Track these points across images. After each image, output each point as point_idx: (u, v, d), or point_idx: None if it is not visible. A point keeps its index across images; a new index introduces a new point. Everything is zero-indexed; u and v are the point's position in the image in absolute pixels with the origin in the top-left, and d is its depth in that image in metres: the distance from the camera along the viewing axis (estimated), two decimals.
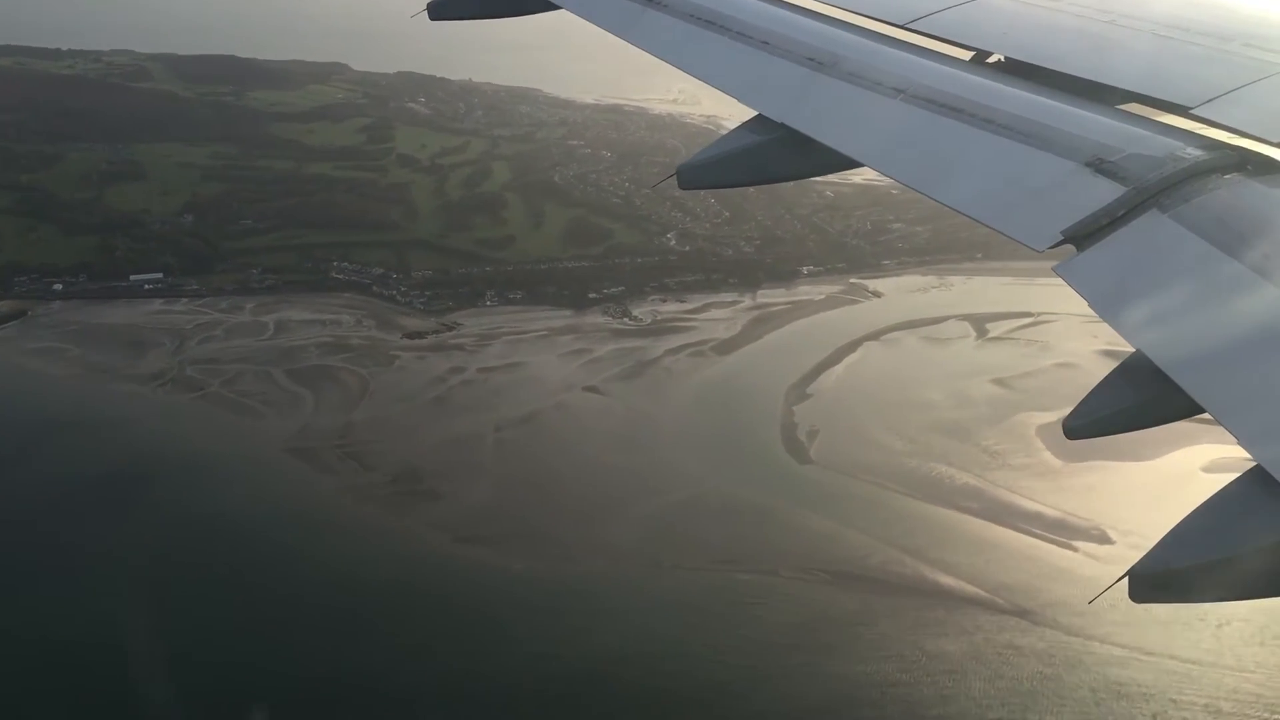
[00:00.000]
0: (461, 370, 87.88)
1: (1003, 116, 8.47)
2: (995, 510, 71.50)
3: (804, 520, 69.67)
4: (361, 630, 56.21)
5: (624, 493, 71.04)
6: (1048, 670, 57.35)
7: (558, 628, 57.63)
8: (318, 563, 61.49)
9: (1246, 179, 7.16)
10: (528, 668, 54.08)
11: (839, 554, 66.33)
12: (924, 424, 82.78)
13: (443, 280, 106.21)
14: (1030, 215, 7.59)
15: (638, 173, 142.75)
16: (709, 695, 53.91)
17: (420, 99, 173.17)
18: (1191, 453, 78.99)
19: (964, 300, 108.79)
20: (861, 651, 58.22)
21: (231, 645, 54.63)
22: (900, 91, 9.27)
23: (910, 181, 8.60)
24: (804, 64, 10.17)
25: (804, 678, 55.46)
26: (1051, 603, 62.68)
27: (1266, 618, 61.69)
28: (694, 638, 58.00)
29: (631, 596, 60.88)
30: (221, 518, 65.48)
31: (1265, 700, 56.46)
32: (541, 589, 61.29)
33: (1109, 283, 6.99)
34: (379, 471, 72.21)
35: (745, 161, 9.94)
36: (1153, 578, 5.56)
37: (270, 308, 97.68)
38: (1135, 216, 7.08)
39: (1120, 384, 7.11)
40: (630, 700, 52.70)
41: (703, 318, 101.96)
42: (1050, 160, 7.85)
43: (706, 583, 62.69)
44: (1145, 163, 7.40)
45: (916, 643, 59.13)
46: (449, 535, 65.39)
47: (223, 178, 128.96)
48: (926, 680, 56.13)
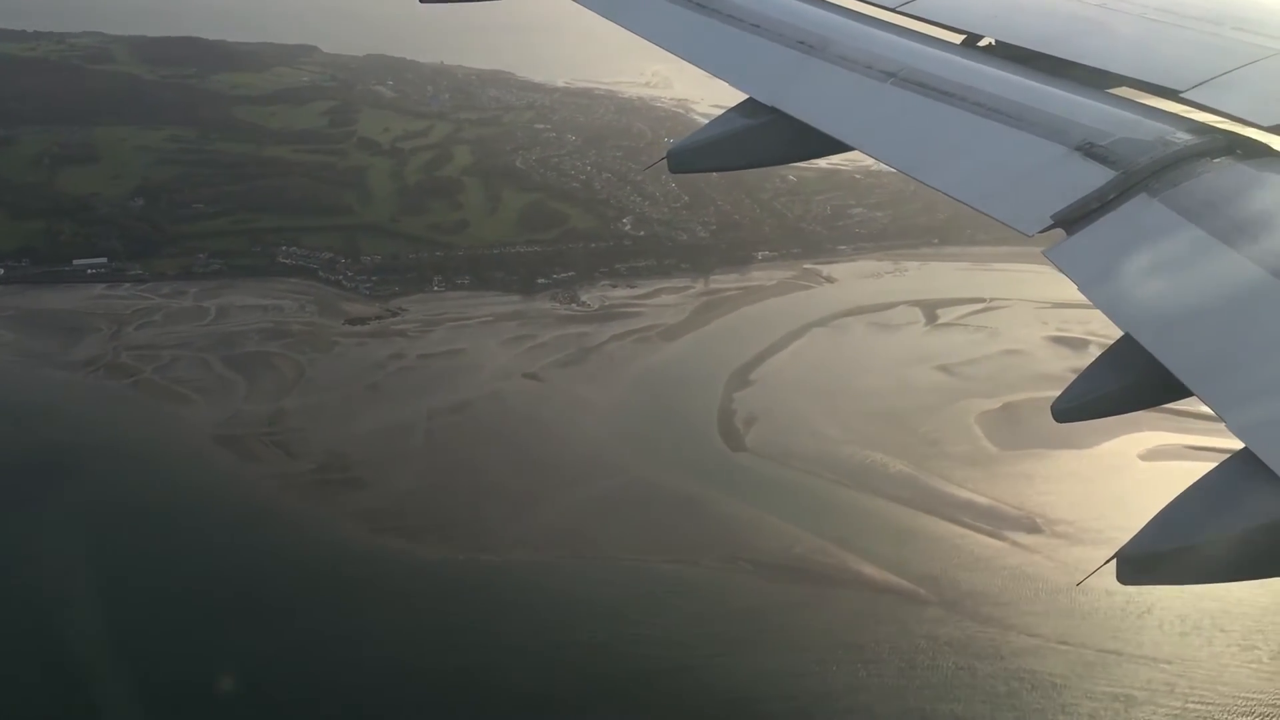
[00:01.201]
0: (401, 356, 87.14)
1: (993, 100, 8.53)
2: (926, 499, 71.04)
3: (732, 509, 69.19)
4: (262, 621, 55.56)
5: (551, 482, 70.46)
6: (962, 661, 56.98)
7: (466, 620, 57.05)
8: (229, 553, 60.81)
9: (1236, 163, 7.21)
10: (427, 660, 53.43)
11: (764, 543, 65.84)
12: (863, 411, 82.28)
13: (391, 265, 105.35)
14: (1020, 199, 7.71)
15: (601, 156, 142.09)
16: (619, 687, 53.41)
17: (388, 82, 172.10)
18: (1130, 440, 78.78)
19: (917, 286, 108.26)
20: (778, 642, 57.72)
21: (124, 641, 53.91)
22: (891, 75, 9.29)
23: (900, 165, 8.66)
24: (795, 47, 10.21)
25: (717, 669, 55.03)
26: (972, 593, 62.36)
27: (1188, 607, 61.47)
28: (609, 629, 57.51)
29: (548, 588, 60.30)
30: (140, 507, 64.79)
31: (1179, 690, 56.20)
32: (457, 580, 60.76)
33: (1098, 266, 7.10)
34: (304, 459, 71.53)
35: (736, 145, 9.96)
36: (1139, 560, 5.63)
37: (213, 293, 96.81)
38: (1125, 200, 7.14)
39: (1109, 368, 7.17)
40: (534, 694, 52.09)
41: (652, 303, 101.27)
42: (1040, 144, 7.92)
43: (626, 573, 62.16)
44: (1135, 147, 7.46)
45: (833, 633, 58.71)
46: (367, 525, 64.72)
47: (177, 161, 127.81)
48: (840, 671, 55.68)
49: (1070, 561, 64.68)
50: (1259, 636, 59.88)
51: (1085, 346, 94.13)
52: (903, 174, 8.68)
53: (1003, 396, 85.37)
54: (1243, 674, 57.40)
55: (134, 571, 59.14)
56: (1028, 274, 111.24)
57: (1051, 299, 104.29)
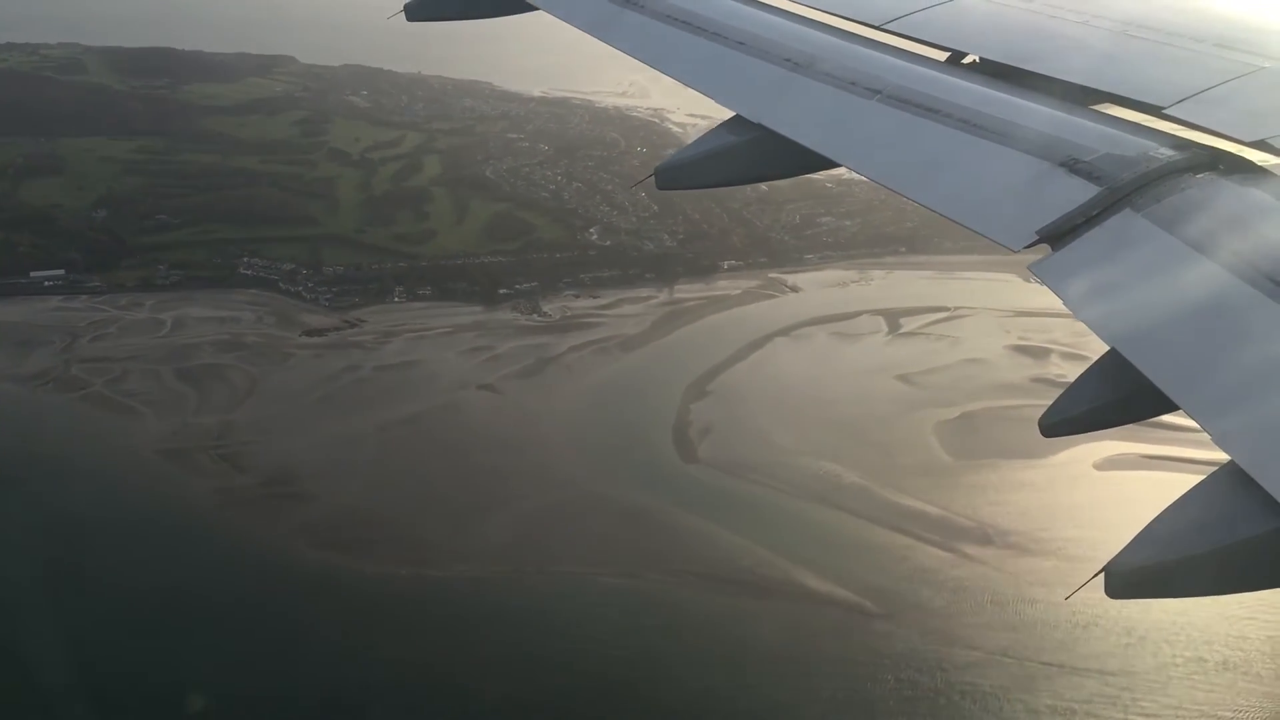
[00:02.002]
0: (356, 368, 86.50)
1: (978, 117, 8.59)
2: (877, 510, 70.51)
3: (680, 521, 68.63)
4: (190, 639, 54.81)
5: (499, 495, 69.84)
6: (903, 674, 56.47)
7: (397, 637, 56.32)
8: (164, 569, 60.07)
9: (1219, 178, 7.24)
10: (349, 679, 52.72)
11: (709, 556, 65.28)
12: (820, 421, 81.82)
13: (353, 276, 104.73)
14: (1005, 215, 7.70)
15: (573, 166, 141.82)
16: (545, 704, 52.72)
17: (363, 92, 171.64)
18: (1087, 449, 78.41)
19: (881, 295, 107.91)
20: (717, 657, 57.17)
21: (49, 654, 53.22)
22: (876, 92, 9.34)
23: (886, 182, 8.70)
24: (781, 64, 10.26)
25: (649, 684, 54.36)
26: (917, 605, 61.87)
27: (1135, 619, 61.02)
28: (543, 643, 56.81)
29: (486, 603, 59.70)
30: (78, 520, 64.08)
31: (1121, 702, 55.71)
32: (395, 597, 60.11)
33: (1083, 281, 7.06)
34: (250, 473, 70.87)
35: (723, 162, 10.00)
36: (1128, 574, 5.59)
37: (171, 305, 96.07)
38: (1109, 216, 7.17)
39: (1095, 381, 7.21)
40: (456, 712, 51.44)
41: (613, 313, 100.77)
42: (1025, 160, 7.95)
43: (568, 587, 61.54)
44: (1119, 162, 7.51)
45: (774, 647, 58.13)
46: (308, 540, 64.02)
47: (143, 172, 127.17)
48: (778, 686, 55.06)
49: (1017, 573, 64.28)
50: (1206, 648, 59.45)
51: (1046, 355, 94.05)
52: (888, 190, 8.72)
53: (961, 406, 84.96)
54: (1188, 686, 56.89)
55: (65, 586, 58.35)
56: (993, 283, 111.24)
57: (1015, 308, 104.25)
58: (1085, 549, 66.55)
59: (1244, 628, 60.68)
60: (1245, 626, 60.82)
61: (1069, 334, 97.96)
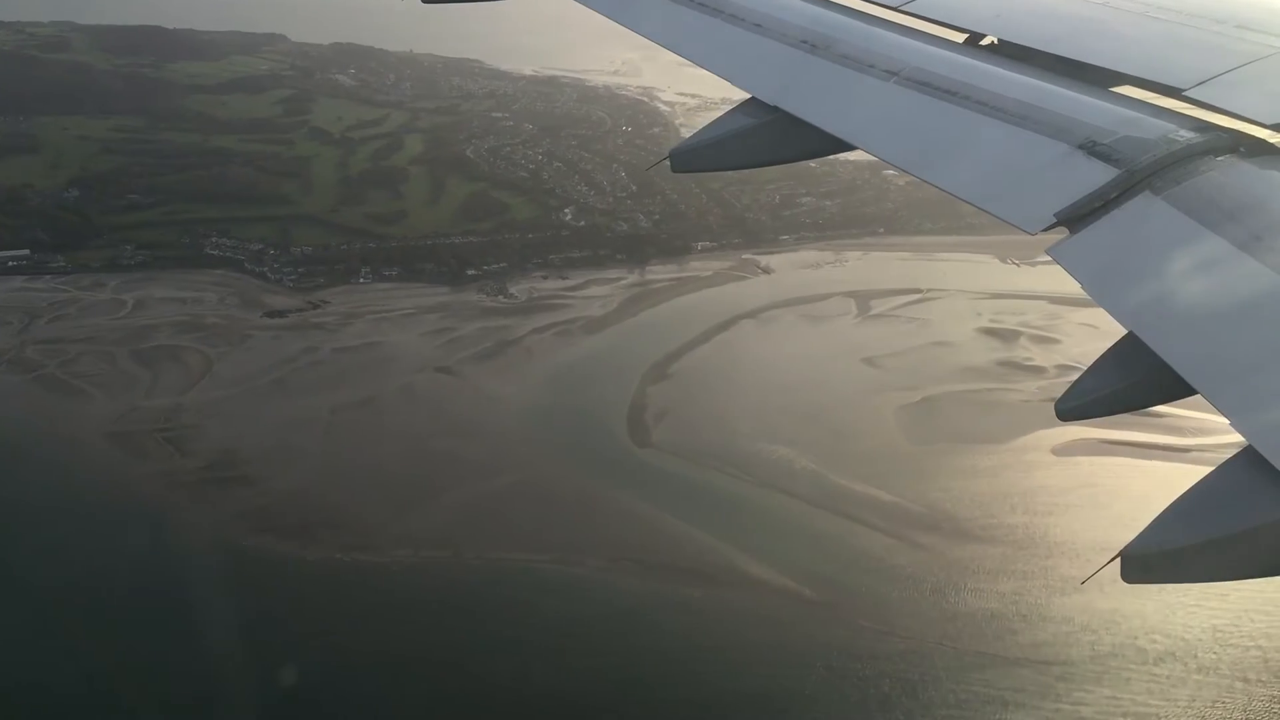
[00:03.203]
0: (314, 350, 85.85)
1: (996, 99, 8.56)
2: (828, 496, 69.75)
3: (628, 506, 67.99)
4: (117, 625, 54.43)
5: (446, 479, 69.28)
6: (837, 663, 55.78)
7: (328, 624, 55.86)
8: (99, 554, 59.59)
9: (1239, 161, 7.20)
10: (274, 665, 52.26)
11: (654, 542, 64.64)
12: (778, 405, 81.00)
13: (321, 257, 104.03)
14: (1023, 198, 7.69)
15: (555, 145, 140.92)
16: (468, 690, 52.22)
17: (350, 70, 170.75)
18: (1046, 434, 77.80)
19: (854, 276, 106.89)
20: (649, 646, 56.51)
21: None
22: (893, 74, 9.32)
23: (903, 164, 8.72)
24: (797, 46, 10.27)
25: (574, 674, 53.76)
26: (859, 592, 61.19)
27: (1079, 609, 60.34)
28: (476, 630, 56.31)
29: (421, 589, 59.20)
30: (15, 503, 63.72)
31: (1054, 692, 55.03)
32: (330, 581, 59.65)
33: (1101, 265, 7.06)
34: (195, 456, 70.34)
35: (738, 145, 10.00)
36: (1145, 559, 5.59)
37: (134, 285, 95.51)
38: (1128, 199, 7.13)
39: (1112, 366, 7.09)
40: (368, 706, 50.95)
41: (581, 295, 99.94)
42: (1043, 143, 7.92)
43: (506, 573, 60.97)
44: (1138, 145, 7.45)
45: (711, 635, 57.39)
46: (249, 525, 63.54)
47: (120, 151, 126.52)
48: (709, 675, 54.39)
49: (961, 560, 63.57)
50: (1148, 638, 58.70)
51: (1016, 338, 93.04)
52: (905, 173, 8.80)
53: (924, 390, 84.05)
54: (1125, 676, 56.16)
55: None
56: (970, 264, 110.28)
57: (990, 290, 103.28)
58: (1032, 536, 65.94)
59: (1188, 617, 59.92)
60: (1190, 615, 60.07)
61: (1041, 316, 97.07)
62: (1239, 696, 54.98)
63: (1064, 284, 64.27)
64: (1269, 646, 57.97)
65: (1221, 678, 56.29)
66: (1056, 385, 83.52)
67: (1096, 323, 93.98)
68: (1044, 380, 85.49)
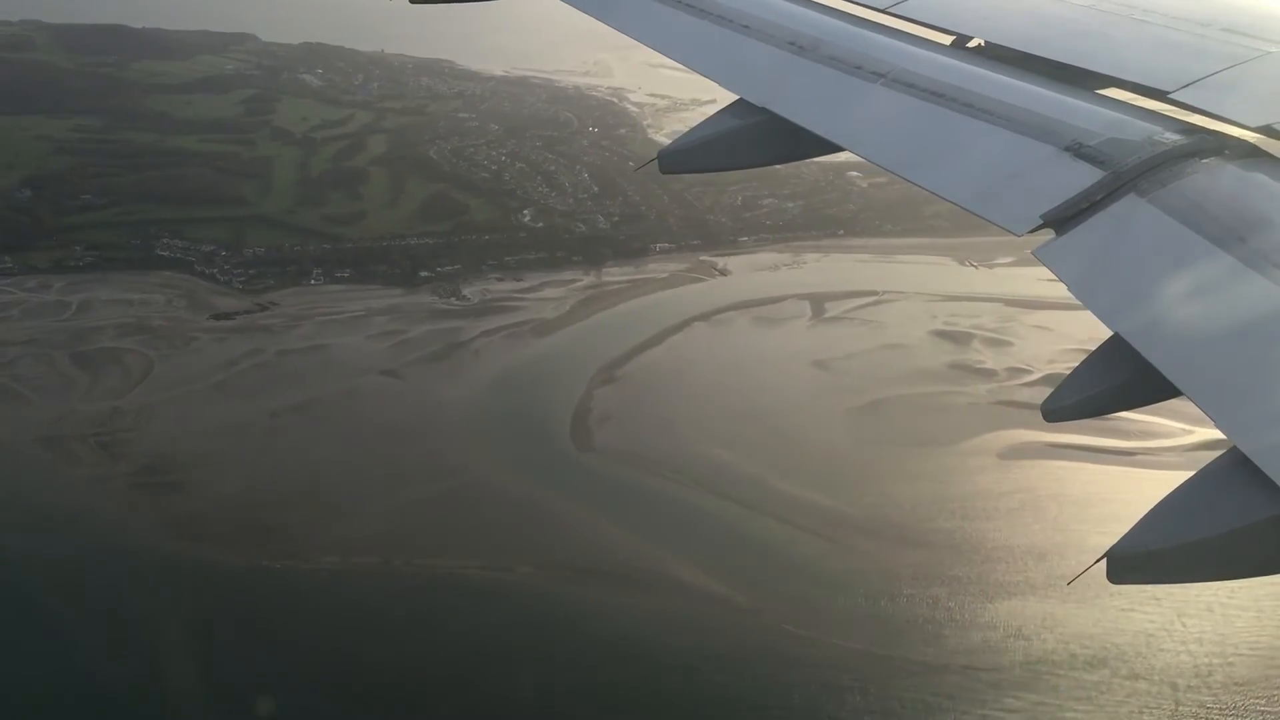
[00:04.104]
0: (259, 353, 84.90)
1: (983, 101, 8.61)
2: (768, 501, 69.19)
3: (564, 512, 67.33)
4: (33, 636, 53.58)
5: (381, 484, 68.49)
6: (763, 669, 55.22)
7: (247, 633, 55.15)
8: (19, 562, 58.80)
9: (1224, 163, 7.28)
10: (182, 677, 51.51)
11: (586, 548, 64.04)
12: (725, 409, 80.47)
13: (273, 258, 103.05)
14: (1009, 199, 7.73)
15: (520, 146, 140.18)
16: (379, 702, 51.54)
17: (318, 70, 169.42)
18: (993, 438, 77.58)
19: (812, 278, 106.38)
20: (565, 653, 55.77)
21: None
22: (881, 76, 9.38)
23: (890, 166, 8.69)
24: (785, 48, 10.29)
25: (492, 684, 53.03)
26: (792, 598, 60.62)
27: (1006, 616, 59.94)
28: (392, 641, 55.55)
29: (344, 598, 58.41)
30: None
31: (981, 697, 54.58)
32: (255, 590, 58.79)
33: (1087, 266, 7.10)
34: (127, 462, 69.42)
35: (727, 146, 10.01)
36: (1130, 559, 5.62)
37: (81, 287, 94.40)
38: (1113, 201, 7.19)
39: (1098, 367, 7.12)
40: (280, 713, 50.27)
41: (534, 297, 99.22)
42: (1029, 144, 7.97)
43: (432, 581, 60.23)
44: (1123, 147, 7.52)
45: (638, 642, 56.79)
46: (177, 532, 62.68)
47: (76, 151, 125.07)
48: (631, 683, 53.87)
49: (896, 565, 63.09)
50: (1079, 643, 58.33)
51: (969, 341, 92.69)
52: (892, 174, 8.72)
53: (873, 393, 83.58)
54: (1054, 681, 55.77)
55: None
56: (929, 266, 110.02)
57: (946, 292, 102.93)
58: (969, 540, 65.53)
59: (1122, 622, 59.67)
60: (1124, 620, 59.82)
61: (996, 319, 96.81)
62: (1167, 703, 54.60)
63: (1019, 286, 64.54)
64: (1199, 651, 57.68)
65: (1151, 684, 55.94)
66: (1006, 388, 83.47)
67: (1050, 325, 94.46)
68: (994, 383, 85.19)
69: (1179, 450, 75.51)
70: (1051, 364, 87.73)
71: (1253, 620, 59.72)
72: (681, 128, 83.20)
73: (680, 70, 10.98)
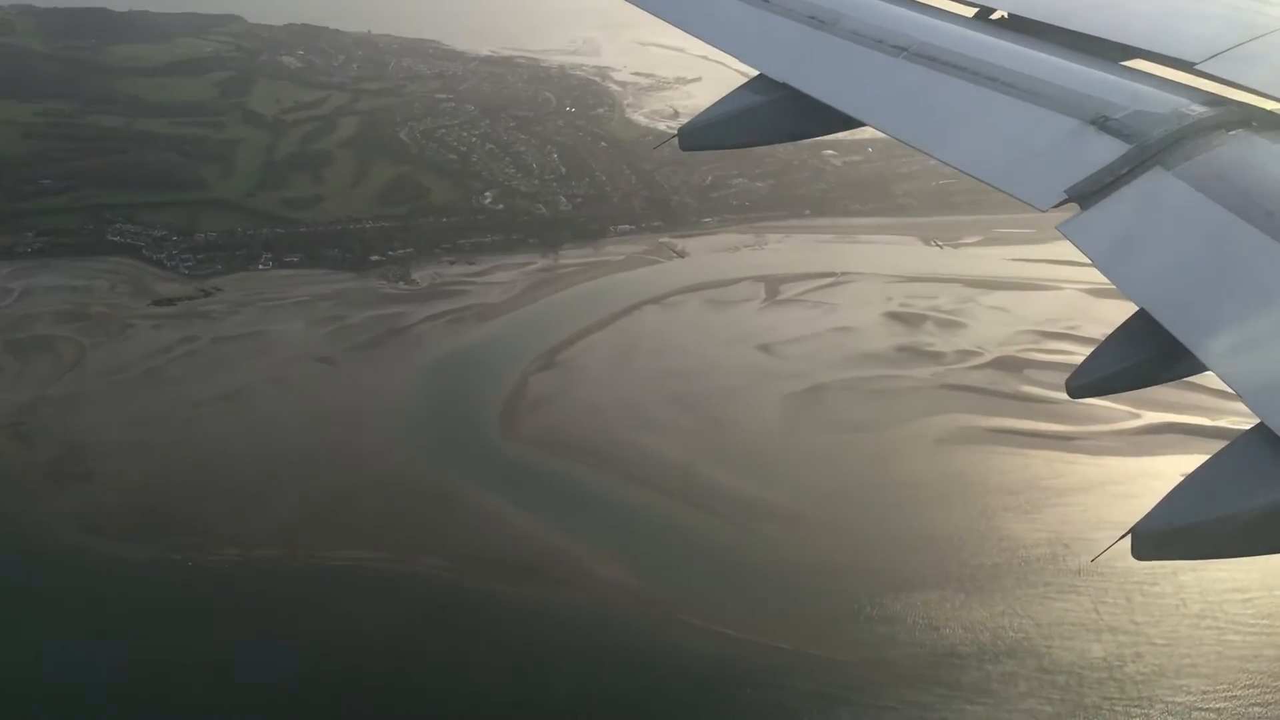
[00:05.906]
0: (193, 340, 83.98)
1: (1006, 74, 8.50)
2: (692, 490, 67.90)
3: (481, 502, 66.26)
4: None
5: (296, 474, 67.58)
6: (652, 663, 53.99)
7: (139, 627, 54.43)
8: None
9: (1251, 135, 7.13)
10: (75, 673, 50.81)
11: (500, 540, 62.93)
12: (662, 394, 79.12)
13: (224, 243, 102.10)
14: (1033, 174, 7.60)
15: (493, 127, 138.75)
16: (261, 696, 50.70)
17: (298, 51, 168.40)
18: (932, 422, 76.15)
19: (770, 260, 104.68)
20: (469, 652, 54.73)
21: None
22: (902, 50, 9.29)
23: (912, 140, 8.60)
24: (805, 23, 10.24)
25: (379, 683, 52.08)
26: (698, 590, 59.49)
27: (909, 610, 58.53)
28: (287, 634, 54.70)
29: (240, 592, 57.53)
30: None
31: (884, 690, 53.29)
32: (155, 583, 57.99)
33: (1112, 241, 6.95)
34: (40, 451, 68.71)
35: (747, 122, 9.89)
36: (1156, 535, 5.61)
37: (25, 273, 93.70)
38: (1139, 174, 7.07)
39: (1124, 342, 7.01)
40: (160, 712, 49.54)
41: (484, 280, 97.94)
42: (1054, 118, 7.86)
43: (333, 573, 59.31)
44: (1149, 120, 7.37)
45: (538, 638, 55.81)
46: (82, 524, 61.97)
47: (42, 135, 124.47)
48: (512, 678, 52.78)
49: (809, 556, 61.59)
50: (990, 635, 56.93)
51: (921, 323, 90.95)
52: (913, 149, 8.60)
53: (814, 378, 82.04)
54: (959, 676, 54.33)
55: None
56: (891, 246, 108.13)
57: (906, 273, 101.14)
58: (886, 530, 64.04)
59: (1035, 611, 58.33)
60: (1038, 609, 58.61)
61: (953, 300, 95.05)
62: (1071, 694, 53.13)
63: (982, 266, 62.67)
64: (1111, 642, 56.11)
65: (1059, 674, 54.52)
66: (954, 371, 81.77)
67: (1008, 306, 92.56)
68: (940, 366, 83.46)
69: (1122, 434, 73.83)
70: (1003, 346, 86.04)
71: (1171, 609, 58.08)
72: (662, 107, 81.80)
73: (668, 48, 10.61)
